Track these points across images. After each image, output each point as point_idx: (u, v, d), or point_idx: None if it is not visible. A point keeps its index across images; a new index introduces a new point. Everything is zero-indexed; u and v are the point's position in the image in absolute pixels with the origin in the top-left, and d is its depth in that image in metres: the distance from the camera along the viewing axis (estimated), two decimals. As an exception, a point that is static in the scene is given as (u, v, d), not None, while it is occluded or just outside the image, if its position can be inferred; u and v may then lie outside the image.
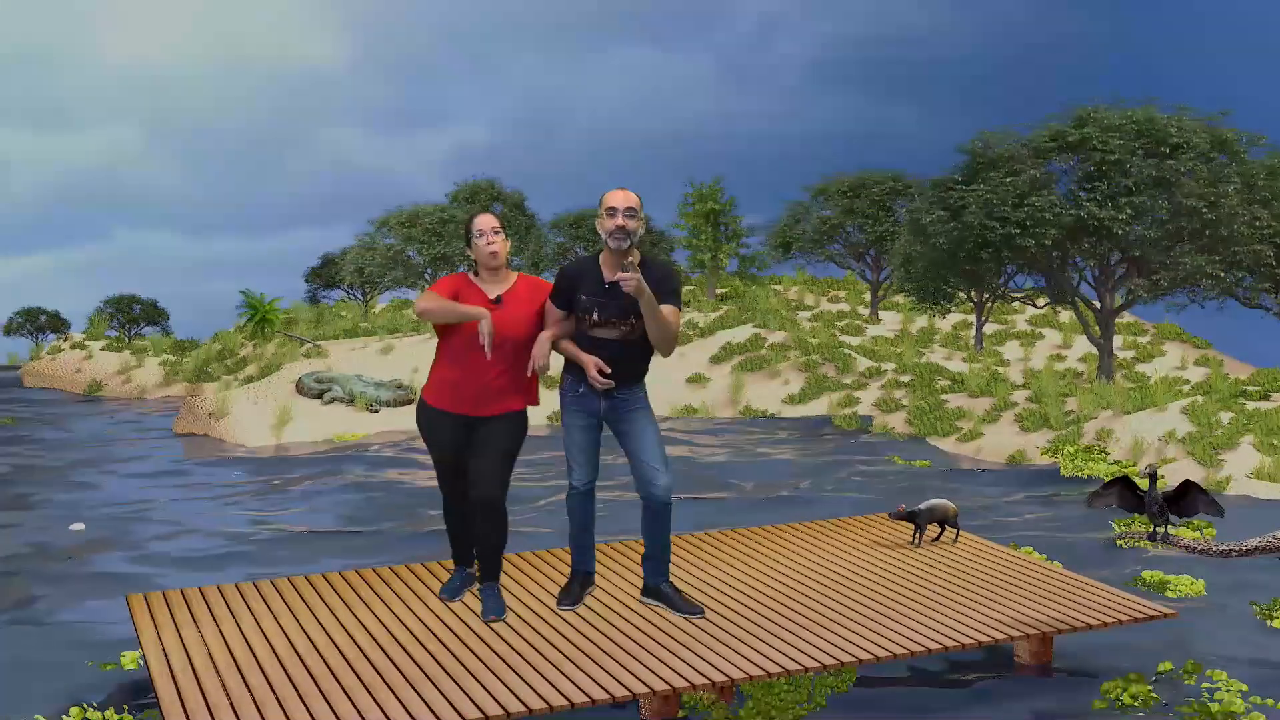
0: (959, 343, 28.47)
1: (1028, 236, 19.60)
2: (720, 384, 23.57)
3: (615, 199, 6.61)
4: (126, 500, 14.37)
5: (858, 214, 30.49)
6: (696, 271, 32.42)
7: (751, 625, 7.14)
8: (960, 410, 19.00)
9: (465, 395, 6.80)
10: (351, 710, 5.85)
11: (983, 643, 6.95)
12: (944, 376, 21.61)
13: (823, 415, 21.40)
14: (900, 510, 8.97)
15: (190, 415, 21.25)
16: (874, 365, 23.10)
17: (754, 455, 17.18)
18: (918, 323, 30.50)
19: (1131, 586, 9.51)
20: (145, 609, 7.40)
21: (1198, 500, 6.98)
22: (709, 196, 31.15)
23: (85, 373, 30.73)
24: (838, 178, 31.07)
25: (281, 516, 13.17)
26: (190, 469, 16.75)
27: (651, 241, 29.44)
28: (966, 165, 20.86)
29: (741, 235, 31.73)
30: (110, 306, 37.43)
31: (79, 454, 18.52)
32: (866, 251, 30.99)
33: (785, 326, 26.05)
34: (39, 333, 37.77)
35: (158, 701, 6.01)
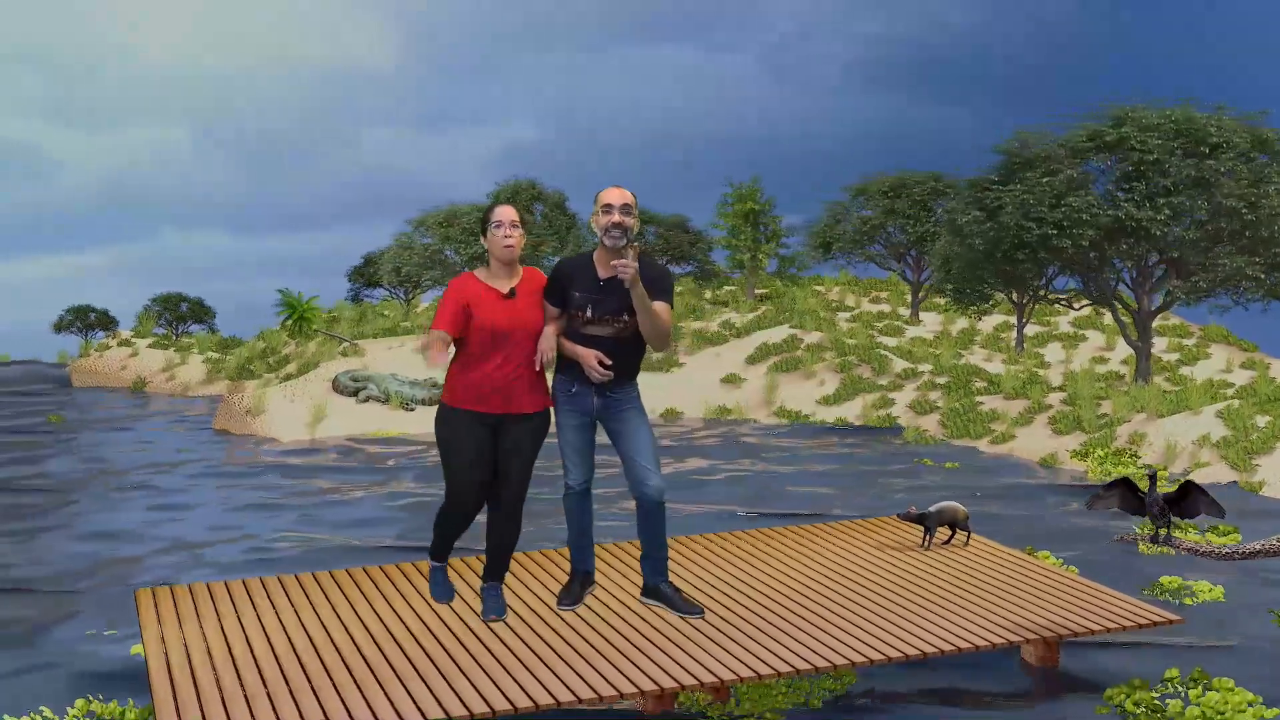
0: (999, 344, 28.21)
1: (1064, 237, 19.39)
2: (755, 384, 23.51)
3: (611, 196, 6.60)
4: (153, 495, 14.57)
5: (898, 214, 30.30)
6: (736, 272, 32.34)
7: (749, 626, 7.12)
8: (994, 412, 18.83)
9: (492, 394, 6.78)
10: (340, 707, 5.89)
11: (980, 646, 6.89)
12: (981, 378, 21.43)
13: (857, 418, 21.31)
14: (910, 512, 8.91)
15: (228, 412, 21.51)
16: (910, 367, 22.95)
17: (776, 454, 17.13)
18: (958, 324, 30.25)
19: (1149, 592, 9.40)
20: (151, 603, 7.50)
21: (1199, 501, 6.85)
22: (748, 196, 31.07)
23: (131, 370, 31.20)
24: (878, 178, 30.90)
25: (304, 513, 13.30)
26: (221, 464, 16.95)
27: (690, 241, 29.41)
28: (1003, 165, 20.67)
29: (781, 235, 31.61)
30: (158, 305, 38.01)
31: (114, 450, 18.80)
32: (907, 252, 30.79)
33: (822, 327, 25.94)
34: (88, 330, 38.44)
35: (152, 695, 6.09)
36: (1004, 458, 16.90)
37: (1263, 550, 6.81)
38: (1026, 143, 20.25)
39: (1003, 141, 20.59)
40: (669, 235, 29.24)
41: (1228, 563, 6.93)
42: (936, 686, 7.43)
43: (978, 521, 12.07)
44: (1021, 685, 7.43)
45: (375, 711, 5.85)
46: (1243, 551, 6.85)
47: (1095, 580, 9.54)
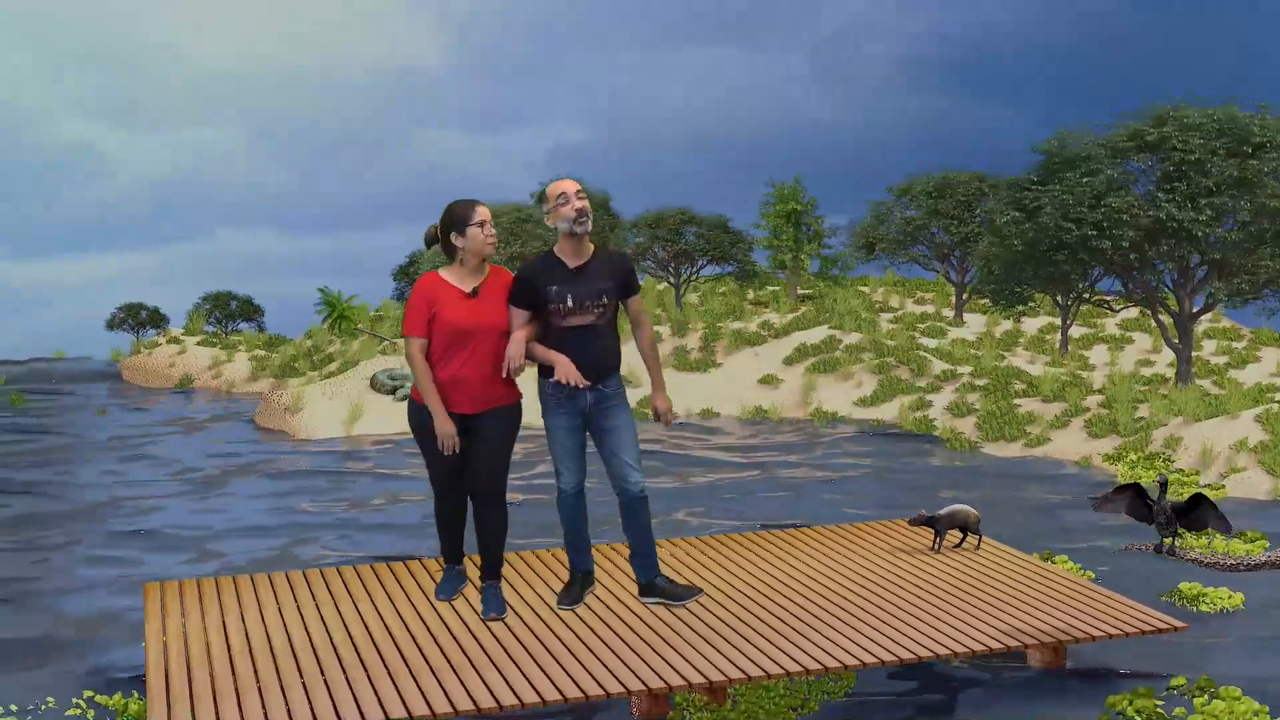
0: (1044, 346, 27.88)
1: (1104, 238, 19.14)
2: (792, 385, 23.43)
3: (566, 186, 6.80)
4: (180, 488, 14.78)
5: (942, 215, 30.02)
6: (779, 272, 32.23)
7: (746, 627, 7.11)
8: (1030, 415, 18.64)
9: (459, 394, 6.82)
10: (328, 703, 5.95)
11: (977, 651, 6.83)
12: (1021, 380, 21.21)
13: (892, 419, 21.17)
14: (920, 516, 8.84)
15: (268, 409, 21.76)
16: (949, 368, 22.76)
17: (803, 455, 17.05)
18: (1002, 326, 29.94)
19: (1167, 598, 9.27)
20: (158, 597, 7.61)
21: (1207, 514, 6.76)
22: (790, 196, 30.94)
23: (178, 367, 31.64)
24: (922, 178, 30.62)
25: (328, 509, 13.43)
26: (254, 460, 17.15)
27: (730, 241, 29.34)
28: (1042, 165, 20.44)
29: (823, 236, 31.44)
30: (208, 303, 38.46)
31: (149, 445, 19.09)
32: (951, 253, 30.50)
33: (862, 328, 25.78)
34: (140, 328, 38.97)
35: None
36: (1037, 461, 16.72)
37: (1268, 562, 6.71)
38: (1066, 142, 20.01)
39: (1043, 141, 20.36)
40: (709, 235, 29.17)
41: (1236, 573, 6.82)
42: (938, 690, 7.38)
43: (1000, 525, 11.95)
44: (1025, 690, 7.35)
45: (362, 708, 5.90)
46: (1248, 563, 6.75)
47: (1113, 586, 9.43)
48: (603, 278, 6.81)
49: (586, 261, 6.84)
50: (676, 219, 29.37)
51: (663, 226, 29.28)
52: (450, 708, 5.92)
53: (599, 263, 6.74)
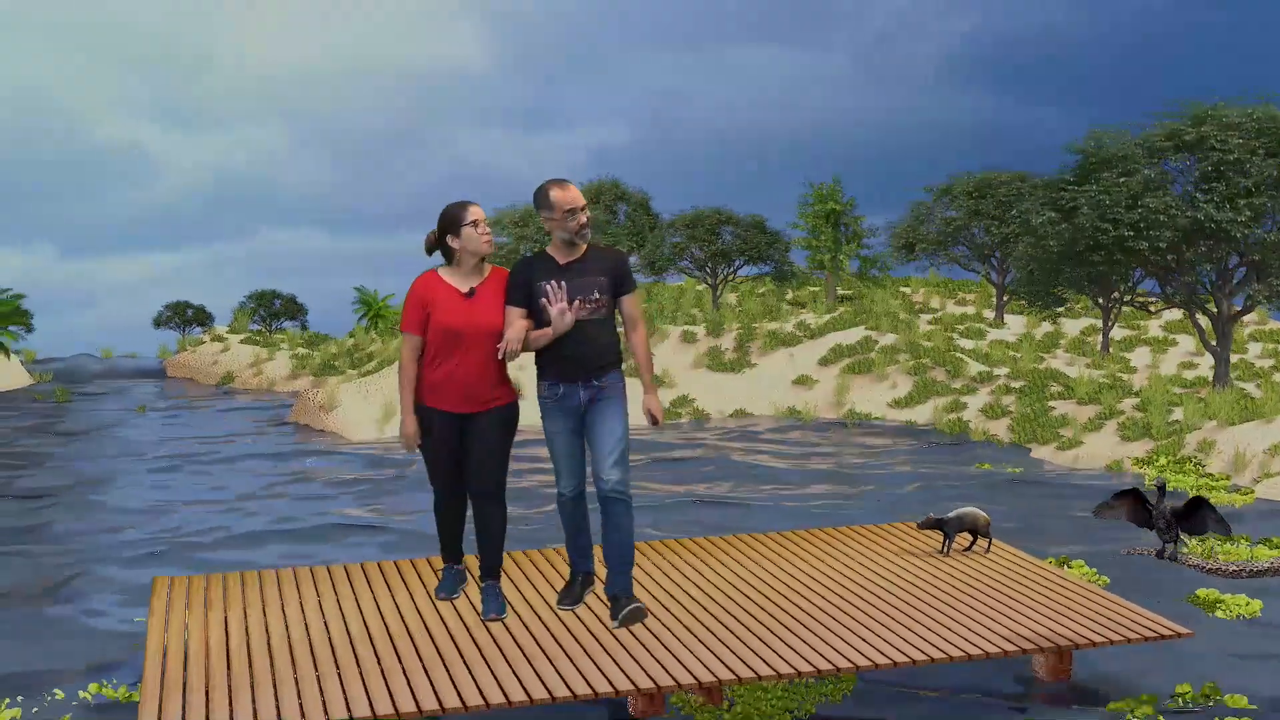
0: (1084, 348, 27.60)
1: (1141, 239, 18.91)
2: (826, 386, 23.33)
3: (571, 199, 6.71)
4: (206, 485, 14.96)
5: (983, 215, 29.77)
6: (817, 272, 32.09)
7: (743, 629, 7.09)
8: (1064, 418, 18.44)
9: (453, 394, 6.83)
10: (317, 700, 6.00)
11: (974, 655, 6.77)
12: (1059, 382, 21.00)
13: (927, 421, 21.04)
14: (928, 518, 8.77)
15: (303, 407, 21.97)
16: (985, 370, 22.58)
17: (830, 456, 16.97)
18: (1043, 328, 29.67)
19: (1183, 604, 9.15)
20: (166, 591, 7.71)
21: (1207, 518, 6.65)
22: (829, 196, 30.81)
23: (221, 365, 32.03)
24: (962, 177, 30.39)
25: (351, 507, 13.55)
26: (283, 457, 17.32)
27: (768, 242, 29.26)
28: (1079, 165, 20.21)
29: (862, 236, 31.27)
30: (252, 301, 38.93)
31: (181, 442, 19.33)
32: (991, 253, 30.24)
33: (898, 329, 25.63)
34: (185, 326, 39.51)
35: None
36: (1068, 464, 16.55)
37: (1271, 568, 6.61)
38: (1102, 142, 19.78)
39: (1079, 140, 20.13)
40: (746, 235, 29.09)
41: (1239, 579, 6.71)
42: (939, 695, 7.32)
43: (1019, 527, 11.85)
44: (1028, 697, 7.28)
45: (351, 705, 5.95)
46: (1250, 569, 6.65)
47: (1128, 591, 9.32)
48: (595, 274, 6.77)
49: (578, 258, 6.82)
50: (713, 219, 29.33)
51: (700, 227, 29.25)
52: (459, 702, 5.95)
53: (592, 259, 6.71)
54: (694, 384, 23.96)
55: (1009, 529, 11.86)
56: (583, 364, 6.78)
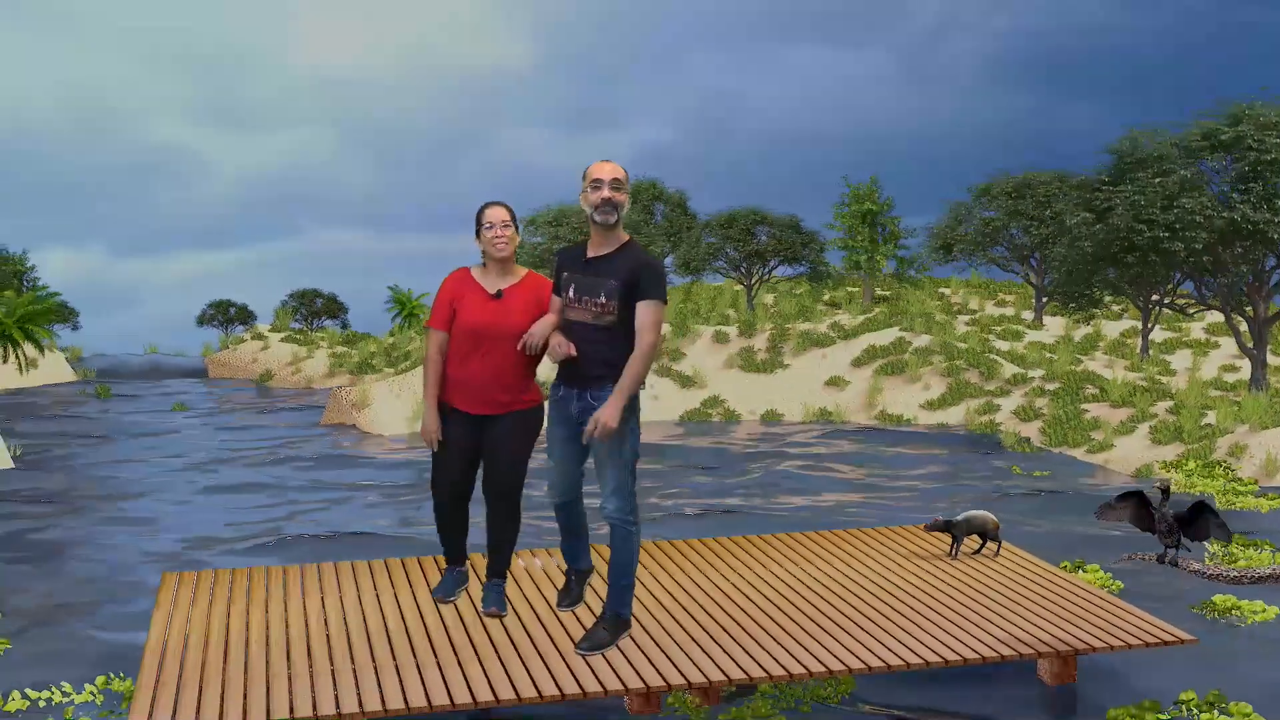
0: (1124, 350, 27.28)
1: (1176, 240, 18.67)
2: (858, 387, 23.22)
3: (602, 170, 6.22)
4: (228, 481, 15.12)
5: (1022, 215, 29.49)
6: (854, 273, 31.94)
7: (740, 630, 7.08)
8: (1096, 421, 18.25)
9: (475, 395, 6.76)
10: (307, 695, 6.06)
11: (970, 660, 6.73)
12: (1095, 385, 20.77)
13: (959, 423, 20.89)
14: (936, 521, 8.72)
15: (336, 405, 22.14)
16: (1020, 372, 22.37)
17: (853, 457, 16.88)
18: (1083, 329, 29.35)
19: (1199, 611, 9.04)
20: (173, 586, 7.80)
21: (1209, 524, 6.56)
22: (865, 197, 30.65)
23: (260, 363, 32.35)
24: (1001, 178, 30.11)
25: (373, 505, 13.64)
26: (309, 454, 17.47)
27: (803, 242, 29.15)
28: (1114, 165, 19.98)
29: (899, 237, 31.08)
30: (294, 300, 39.29)
31: (211, 438, 19.55)
32: (1030, 254, 29.95)
33: (933, 330, 25.45)
34: (228, 324, 39.93)
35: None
36: (1097, 467, 16.38)
37: (1273, 574, 6.50)
38: (1138, 142, 19.54)
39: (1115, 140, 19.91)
40: (781, 235, 29.00)
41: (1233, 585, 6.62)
42: (939, 699, 7.28)
43: (1039, 531, 11.75)
44: (1030, 702, 7.22)
45: (340, 700, 6.00)
46: (1252, 576, 6.55)
47: (1143, 597, 9.23)
48: (611, 276, 6.15)
49: (604, 255, 6.39)
50: (748, 219, 29.26)
51: (734, 227, 29.18)
52: (448, 700, 5.99)
53: (618, 259, 6.21)
54: (725, 384, 23.92)
55: (1027, 532, 11.76)
56: (578, 371, 6.48)
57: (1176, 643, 7.04)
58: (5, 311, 17.95)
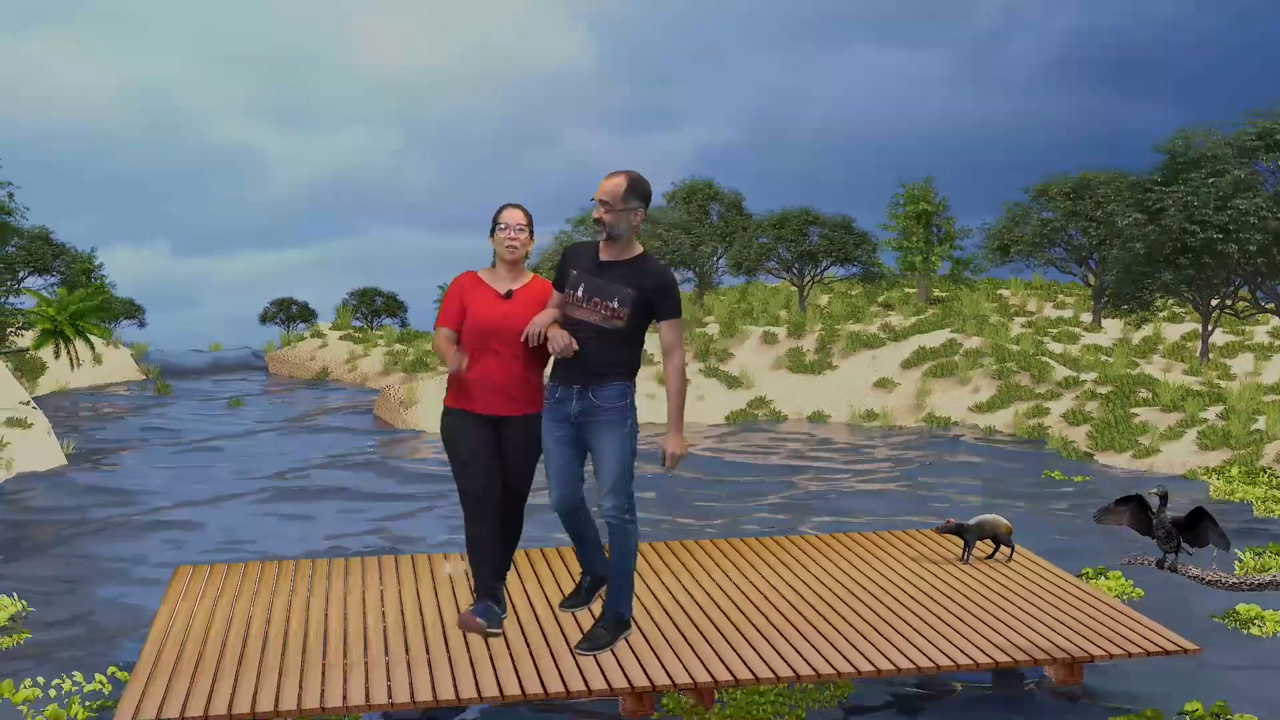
0: (1183, 354, 26.76)
1: (1230, 242, 18.31)
2: (907, 389, 23.02)
3: (599, 189, 6.16)
4: (265, 479, 15.35)
5: (1080, 216, 29.03)
6: (908, 274, 31.65)
7: (740, 632, 7.08)
8: (1144, 425, 17.94)
9: (487, 395, 6.74)
10: (295, 689, 6.15)
11: (963, 666, 6.67)
12: (1148, 389, 20.42)
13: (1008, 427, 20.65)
14: (948, 524, 8.64)
15: (385, 404, 22.39)
16: (1072, 375, 22.05)
17: (893, 459, 16.74)
18: (1142, 331, 28.84)
19: (1219, 619, 8.88)
20: (185, 579, 7.95)
21: (1209, 530, 6.44)
22: (920, 197, 30.36)
23: (318, 361, 32.79)
24: (1059, 178, 29.66)
25: (405, 503, 13.79)
26: (350, 453, 17.68)
27: (855, 242, 28.93)
28: (1165, 165, 19.63)
29: (955, 237, 30.74)
30: (354, 298, 39.75)
31: (262, 436, 19.85)
32: (1089, 256, 29.47)
33: (984, 332, 25.16)
34: (290, 322, 40.49)
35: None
36: (1142, 472, 16.10)
37: (1272, 582, 6.37)
38: (1191, 141, 19.18)
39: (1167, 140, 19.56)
40: (833, 236, 28.82)
41: (1232, 591, 6.49)
42: (939, 704, 7.22)
43: (1063, 536, 11.60)
44: (1032, 709, 7.14)
45: (325, 693, 6.08)
46: (1251, 583, 6.42)
47: (1163, 605, 9.08)
48: (625, 283, 6.14)
49: (621, 260, 6.20)
50: (800, 220, 29.10)
51: (786, 227, 29.05)
52: (410, 698, 6.05)
53: (630, 267, 6.22)
54: (773, 385, 23.85)
55: (1054, 537, 11.61)
56: (580, 369, 6.47)
57: (1180, 652, 6.92)
58: (57, 308, 18.34)
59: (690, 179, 34.52)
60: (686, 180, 34.67)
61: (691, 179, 34.52)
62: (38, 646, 8.31)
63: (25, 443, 16.34)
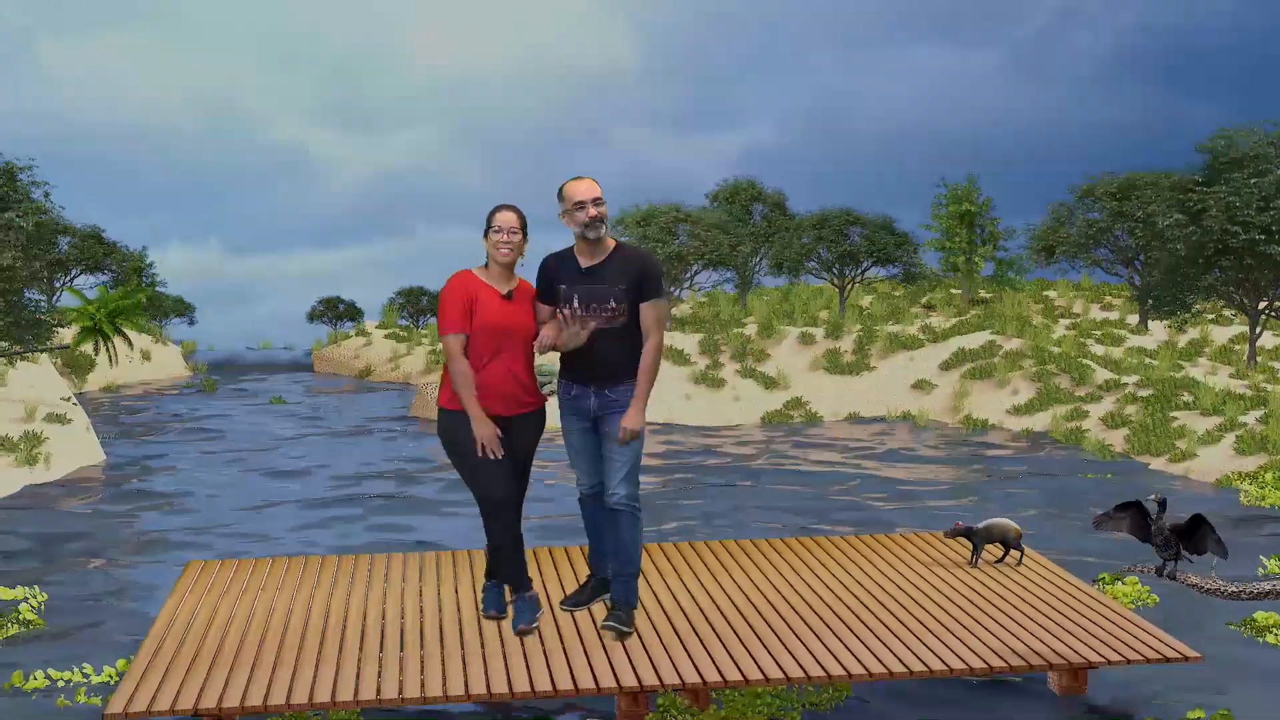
0: (1230, 357, 26.34)
1: (1273, 243, 18.00)
2: (944, 391, 22.85)
3: (580, 190, 6.32)
4: (311, 477, 15.51)
5: (1126, 217, 28.64)
6: (950, 274, 31.39)
7: (737, 633, 7.07)
8: (1183, 429, 17.68)
9: (502, 396, 6.73)
10: (286, 683, 6.22)
11: (955, 671, 6.61)
12: (1191, 392, 20.12)
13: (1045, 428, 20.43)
14: (956, 527, 8.58)
15: (421, 402, 22.56)
16: (1113, 378, 21.78)
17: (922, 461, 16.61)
18: (1189, 334, 28.42)
19: (1237, 628, 8.74)
20: (195, 574, 8.07)
21: (1207, 538, 6.34)
22: (964, 197, 30.11)
23: (362, 359, 33.10)
24: (1105, 178, 29.28)
25: (429, 502, 13.89)
26: (391, 451, 17.83)
27: (895, 243, 28.74)
28: (1207, 165, 19.33)
29: (999, 238, 30.45)
30: (400, 298, 40.09)
31: (297, 432, 20.06)
32: (1135, 257, 29.08)
33: (1025, 334, 24.90)
34: (337, 320, 40.91)
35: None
36: (1177, 477, 15.88)
37: (1271, 591, 6.27)
38: (1233, 141, 18.87)
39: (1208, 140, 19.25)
40: (874, 236, 28.65)
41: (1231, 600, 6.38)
42: (938, 709, 7.17)
43: (1090, 542, 11.46)
44: (1035, 714, 7.07)
45: (314, 689, 6.14)
46: (1250, 591, 6.32)
47: (1179, 612, 8.97)
48: (614, 282, 6.29)
49: (601, 262, 6.48)
50: (840, 220, 28.96)
51: (827, 227, 28.91)
52: (400, 694, 6.10)
53: (614, 264, 6.35)
54: (810, 386, 23.76)
55: (1075, 542, 11.48)
56: (593, 372, 6.50)
57: (1180, 660, 6.83)
58: (96, 306, 18.66)
59: (734, 179, 34.45)
60: (730, 181, 34.60)
61: (735, 179, 34.45)
62: (54, 638, 8.47)
63: (64, 438, 16.64)
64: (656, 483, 15.05)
